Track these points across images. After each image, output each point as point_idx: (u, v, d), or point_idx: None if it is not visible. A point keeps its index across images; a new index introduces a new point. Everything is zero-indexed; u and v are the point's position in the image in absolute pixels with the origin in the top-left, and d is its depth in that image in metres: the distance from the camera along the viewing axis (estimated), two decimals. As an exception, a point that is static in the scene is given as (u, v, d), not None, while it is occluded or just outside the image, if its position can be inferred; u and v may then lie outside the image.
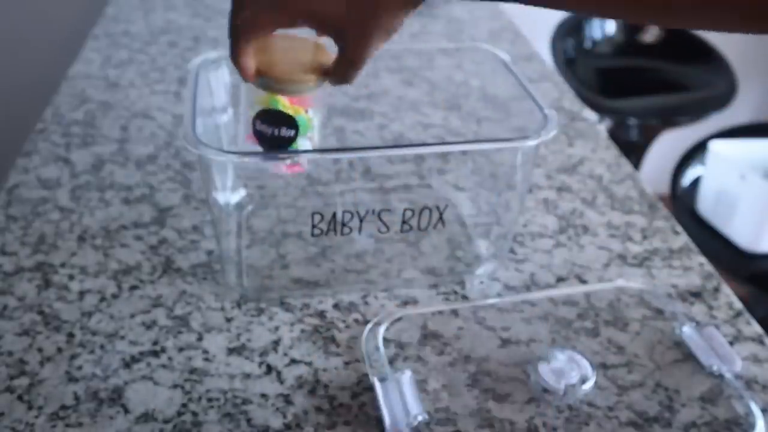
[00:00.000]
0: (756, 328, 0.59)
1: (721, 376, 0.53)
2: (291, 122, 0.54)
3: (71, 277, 0.61)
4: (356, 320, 0.58)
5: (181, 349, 0.54)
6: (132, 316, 0.57)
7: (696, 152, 1.47)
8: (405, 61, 0.96)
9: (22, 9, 1.50)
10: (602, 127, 1.68)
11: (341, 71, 0.48)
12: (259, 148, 0.56)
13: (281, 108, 0.53)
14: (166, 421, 0.48)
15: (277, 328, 0.56)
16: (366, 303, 0.59)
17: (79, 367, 0.52)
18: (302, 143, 0.55)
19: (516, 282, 0.63)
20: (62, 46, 1.26)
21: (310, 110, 0.55)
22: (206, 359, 0.53)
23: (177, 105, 0.89)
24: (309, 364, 0.53)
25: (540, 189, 0.76)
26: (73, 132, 0.83)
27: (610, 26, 1.81)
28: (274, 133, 0.54)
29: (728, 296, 0.62)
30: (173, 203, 0.71)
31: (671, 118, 1.64)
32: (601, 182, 0.78)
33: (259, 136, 0.55)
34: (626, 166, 0.81)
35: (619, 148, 0.86)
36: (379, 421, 0.48)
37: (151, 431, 0.48)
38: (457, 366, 0.54)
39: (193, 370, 0.52)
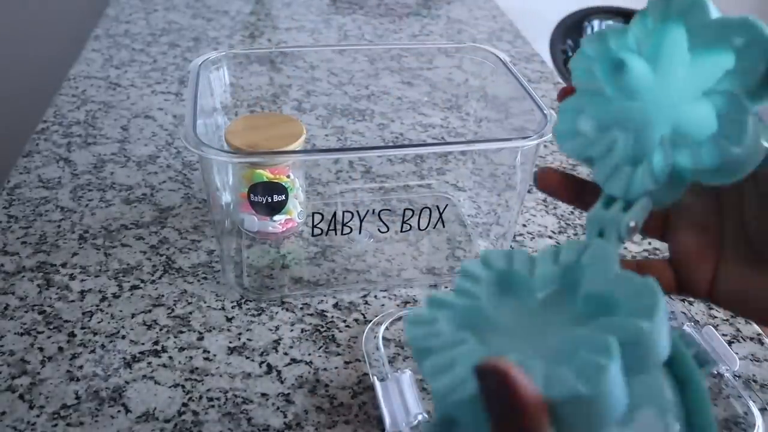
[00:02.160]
0: (754, 327, 0.59)
1: (720, 375, 0.53)
2: (280, 188, 0.61)
3: (72, 277, 0.61)
4: (356, 320, 0.58)
5: (181, 349, 0.54)
6: (133, 315, 0.57)
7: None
8: (405, 61, 0.97)
9: (23, 9, 1.50)
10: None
11: None
12: (256, 214, 0.64)
13: (266, 179, 0.61)
14: (166, 421, 0.49)
15: (277, 328, 0.57)
16: (366, 303, 0.60)
17: (80, 367, 0.52)
18: (291, 202, 0.63)
19: (516, 282, 0.63)
20: (63, 46, 1.26)
21: (291, 174, 0.63)
22: (207, 359, 0.54)
23: (178, 105, 0.89)
24: (309, 363, 0.54)
25: (540, 189, 0.76)
26: (74, 132, 0.83)
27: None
28: (267, 200, 0.62)
29: (727, 296, 0.62)
30: (174, 203, 0.71)
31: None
32: (601, 182, 0.78)
33: (255, 206, 0.62)
34: (626, 166, 0.81)
35: (619, 148, 0.86)
36: (379, 420, 0.48)
37: (152, 430, 0.48)
38: (456, 365, 0.54)
39: (193, 370, 0.53)
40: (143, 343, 0.55)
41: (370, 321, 0.57)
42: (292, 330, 0.57)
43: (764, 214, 0.31)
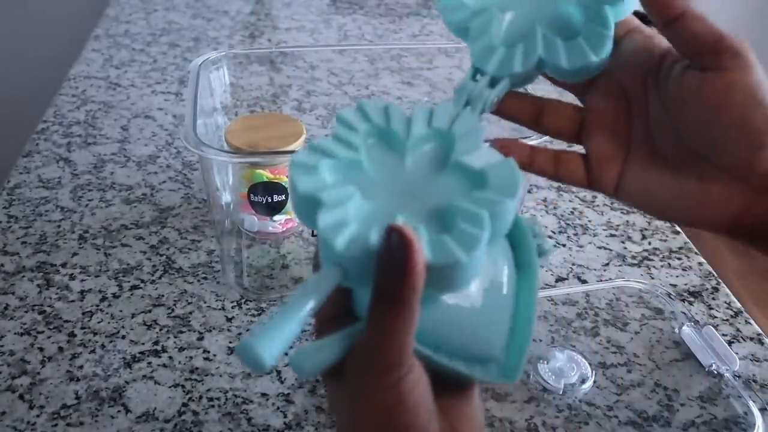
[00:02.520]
0: (755, 327, 0.59)
1: (720, 376, 0.53)
2: (280, 188, 0.61)
3: (72, 277, 0.61)
4: (356, 320, 0.58)
5: (181, 349, 0.54)
6: (133, 315, 0.57)
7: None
8: (405, 61, 0.96)
9: (23, 9, 1.50)
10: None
11: None
12: (256, 213, 0.63)
13: (266, 179, 0.60)
14: (166, 421, 0.49)
15: (277, 328, 0.57)
16: (366, 303, 0.59)
17: (80, 367, 0.52)
18: (291, 202, 0.62)
19: (516, 282, 0.63)
20: (63, 46, 1.26)
21: None
22: (207, 359, 0.54)
23: (178, 105, 0.89)
24: (309, 363, 0.53)
25: (540, 189, 0.76)
26: (74, 132, 0.83)
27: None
28: (267, 200, 0.61)
29: (727, 296, 0.62)
30: (174, 203, 0.71)
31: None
32: (601, 182, 0.78)
33: (255, 206, 0.62)
34: (626, 166, 0.81)
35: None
36: (379, 420, 0.48)
37: (152, 430, 0.48)
38: (456, 365, 0.54)
39: (193, 370, 0.53)
40: (143, 343, 0.55)
41: (370, 321, 0.57)
42: (292, 330, 0.56)
43: (665, 119, 0.33)
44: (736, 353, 0.54)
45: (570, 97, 0.39)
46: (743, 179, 0.31)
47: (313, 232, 0.60)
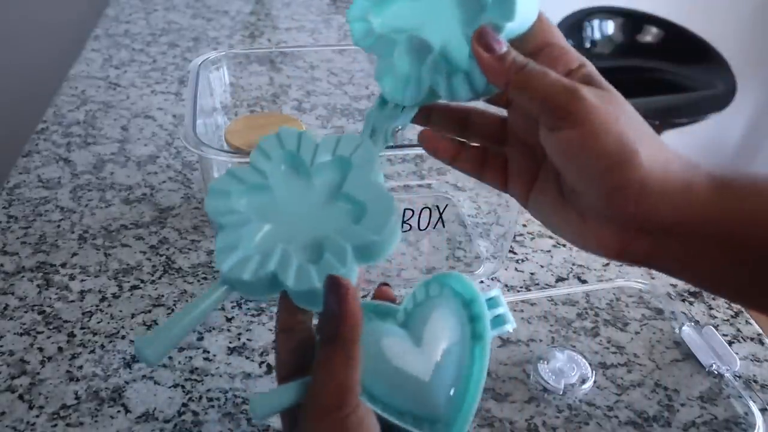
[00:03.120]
0: (755, 327, 0.59)
1: (720, 376, 0.53)
2: None
3: (72, 277, 0.61)
4: (356, 320, 0.58)
5: (181, 349, 0.54)
6: (133, 315, 0.57)
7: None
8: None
9: (23, 9, 1.50)
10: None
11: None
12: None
13: None
14: (166, 421, 0.48)
15: (277, 328, 0.57)
16: (366, 303, 0.59)
17: (80, 367, 0.52)
18: None
19: (516, 282, 0.63)
20: (63, 46, 1.26)
21: None
22: (207, 359, 0.54)
23: (177, 105, 0.89)
24: (309, 363, 0.53)
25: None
26: (73, 132, 0.83)
27: (610, 26, 1.81)
28: None
29: (727, 296, 0.62)
30: (174, 203, 0.71)
31: (671, 119, 1.65)
32: (601, 182, 0.78)
33: None
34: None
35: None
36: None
37: (152, 430, 0.48)
38: (456, 365, 0.54)
39: (193, 370, 0.53)
40: (143, 343, 0.54)
41: (370, 321, 0.57)
42: (292, 330, 0.56)
43: (557, 163, 0.33)
44: (737, 353, 0.54)
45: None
46: (612, 220, 0.32)
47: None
